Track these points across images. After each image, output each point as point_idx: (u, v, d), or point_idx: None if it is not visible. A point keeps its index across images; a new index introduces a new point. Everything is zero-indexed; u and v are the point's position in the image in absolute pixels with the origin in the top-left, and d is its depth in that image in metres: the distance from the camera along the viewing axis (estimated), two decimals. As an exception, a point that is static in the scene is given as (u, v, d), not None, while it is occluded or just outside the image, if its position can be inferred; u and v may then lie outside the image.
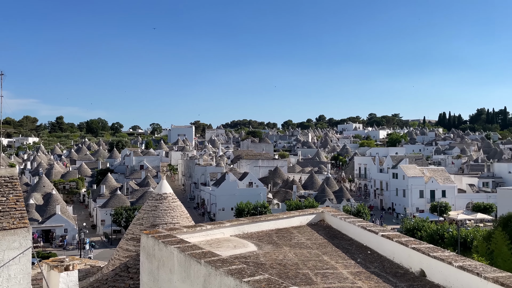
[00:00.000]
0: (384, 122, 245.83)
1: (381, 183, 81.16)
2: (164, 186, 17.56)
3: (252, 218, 8.13)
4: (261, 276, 4.26)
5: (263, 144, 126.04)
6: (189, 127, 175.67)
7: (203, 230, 7.10)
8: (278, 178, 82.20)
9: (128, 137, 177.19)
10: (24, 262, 10.62)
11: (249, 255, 6.29)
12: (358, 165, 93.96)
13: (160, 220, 16.34)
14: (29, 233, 11.07)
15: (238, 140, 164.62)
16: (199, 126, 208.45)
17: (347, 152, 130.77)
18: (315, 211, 9.25)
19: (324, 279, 5.33)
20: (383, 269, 5.99)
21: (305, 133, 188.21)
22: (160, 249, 5.75)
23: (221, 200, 64.48)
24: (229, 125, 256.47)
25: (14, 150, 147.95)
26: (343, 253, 6.75)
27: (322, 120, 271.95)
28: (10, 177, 12.04)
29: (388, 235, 6.67)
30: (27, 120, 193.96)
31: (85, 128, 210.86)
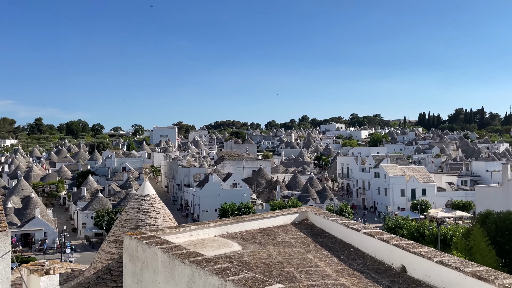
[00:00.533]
0: (366, 122, 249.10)
1: (363, 183, 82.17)
2: (147, 188, 17.39)
3: (236, 218, 8.16)
4: (245, 274, 4.29)
5: (247, 144, 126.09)
6: (172, 128, 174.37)
7: (187, 230, 7.08)
8: (262, 179, 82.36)
9: (109, 139, 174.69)
10: (2, 266, 10.38)
11: (233, 254, 6.31)
12: (340, 165, 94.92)
13: (143, 222, 16.18)
14: (7, 237, 10.83)
15: (222, 141, 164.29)
16: (182, 127, 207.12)
17: (330, 152, 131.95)
18: (298, 210, 9.33)
19: (308, 277, 5.39)
20: (366, 265, 6.09)
21: (288, 134, 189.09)
22: (144, 250, 5.72)
23: (205, 201, 64.21)
24: (213, 126, 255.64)
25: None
26: (326, 251, 6.84)
27: (305, 120, 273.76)
28: (-13, 180, 11.77)
29: (370, 233, 6.79)
30: (4, 121, 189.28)
31: (65, 129, 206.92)
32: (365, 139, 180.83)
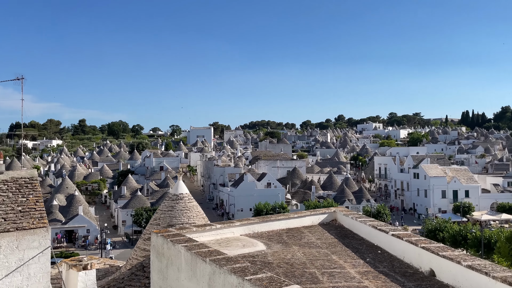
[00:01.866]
0: (405, 122, 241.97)
1: (401, 183, 79.88)
2: (181, 187, 17.76)
3: (263, 218, 8.16)
4: (263, 274, 4.28)
5: (281, 144, 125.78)
6: (208, 129, 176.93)
7: (213, 229, 7.16)
8: (297, 179, 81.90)
9: (148, 139, 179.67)
10: (43, 261, 10.93)
11: (257, 254, 6.32)
12: (378, 165, 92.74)
13: (176, 220, 16.55)
14: (48, 233, 11.39)
15: (256, 141, 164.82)
16: (217, 128, 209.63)
17: (367, 152, 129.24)
18: (327, 211, 9.20)
19: (331, 278, 5.31)
20: (392, 268, 5.93)
21: (324, 133, 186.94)
22: (169, 247, 5.84)
23: (240, 200, 64.68)
24: (248, 126, 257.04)
25: (39, 152, 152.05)
26: (353, 252, 6.71)
27: (341, 120, 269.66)
28: (30, 178, 12.41)
29: (398, 235, 6.59)
30: (51, 123, 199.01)
31: (106, 130, 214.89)
32: (404, 138, 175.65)
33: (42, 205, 12.01)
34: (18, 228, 10.81)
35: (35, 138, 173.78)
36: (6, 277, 10.16)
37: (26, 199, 11.80)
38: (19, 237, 10.63)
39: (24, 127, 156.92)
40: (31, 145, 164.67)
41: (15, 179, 12.15)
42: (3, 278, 10.12)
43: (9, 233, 10.54)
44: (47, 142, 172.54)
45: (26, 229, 10.95)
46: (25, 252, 10.61)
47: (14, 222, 10.87)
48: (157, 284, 6.23)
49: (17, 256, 10.44)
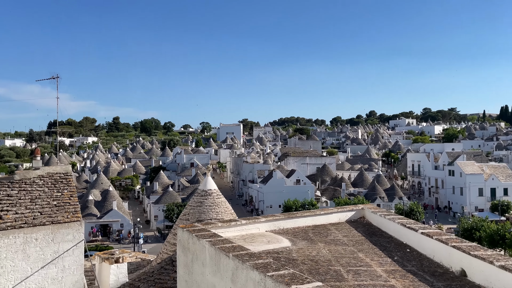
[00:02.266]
0: (439, 117, 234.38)
1: (436, 181, 77.57)
2: (209, 183, 17.95)
3: (289, 214, 8.11)
4: (285, 270, 4.25)
5: (311, 141, 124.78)
6: (237, 125, 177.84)
7: (238, 225, 7.18)
8: (327, 176, 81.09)
9: (179, 136, 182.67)
10: (77, 254, 11.32)
11: (281, 250, 6.29)
12: (411, 162, 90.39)
13: (205, 216, 16.74)
14: (81, 227, 11.78)
15: (286, 137, 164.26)
16: (247, 124, 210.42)
17: (400, 149, 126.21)
18: (354, 208, 9.05)
19: (356, 276, 5.21)
20: (421, 267, 5.75)
21: (354, 130, 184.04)
22: (194, 242, 5.90)
23: (269, 197, 64.74)
24: (277, 122, 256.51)
25: (75, 149, 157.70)
26: (380, 250, 6.55)
27: (372, 115, 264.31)
28: (64, 174, 12.86)
29: (428, 233, 6.39)
30: (86, 120, 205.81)
31: (139, 127, 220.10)
32: (439, 134, 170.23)
33: (76, 200, 12.43)
34: (53, 222, 11.24)
35: (71, 135, 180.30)
36: (42, 269, 10.60)
37: (61, 194, 12.24)
38: (55, 230, 11.05)
39: (61, 125, 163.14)
40: (68, 142, 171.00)
41: (51, 175, 12.63)
42: (40, 270, 10.56)
43: (45, 226, 10.97)
44: (83, 139, 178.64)
45: (61, 222, 11.37)
46: (60, 245, 11.02)
47: (49, 216, 11.31)
48: (183, 278, 6.32)
49: (53, 249, 10.86)
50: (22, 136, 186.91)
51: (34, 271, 10.51)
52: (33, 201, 11.49)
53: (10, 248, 10.32)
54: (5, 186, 11.48)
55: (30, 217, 11.13)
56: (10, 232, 10.49)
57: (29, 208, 11.31)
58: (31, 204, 11.42)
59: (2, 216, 10.72)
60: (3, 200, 11.09)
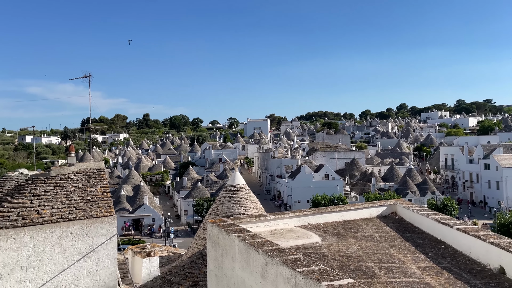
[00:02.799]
0: (474, 109, 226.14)
1: (470, 175, 75.04)
2: (237, 178, 18.06)
3: (318, 209, 8.01)
4: (316, 266, 4.19)
5: (339, 135, 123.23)
6: (265, 120, 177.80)
7: (267, 220, 7.16)
8: (356, 170, 79.93)
9: (207, 132, 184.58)
10: (111, 247, 11.63)
11: (311, 246, 6.22)
12: (444, 155, 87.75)
13: (233, 211, 16.87)
14: (114, 221, 12.09)
15: (313, 132, 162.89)
16: (274, 119, 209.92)
17: (432, 142, 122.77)
18: (386, 203, 8.85)
19: (388, 273, 5.08)
20: (457, 265, 5.55)
21: (384, 123, 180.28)
22: (223, 237, 5.93)
23: (297, 192, 64.48)
24: (304, 117, 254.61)
25: (108, 145, 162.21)
26: (413, 247, 6.38)
27: (403, 108, 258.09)
28: (98, 170, 13.23)
29: (464, 229, 6.16)
30: (118, 118, 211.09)
31: (168, 124, 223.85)
32: (473, 127, 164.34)
33: (109, 195, 12.76)
34: (87, 217, 11.59)
35: (104, 132, 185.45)
36: (78, 262, 10.96)
37: (95, 189, 12.60)
38: (89, 224, 11.40)
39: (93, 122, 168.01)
40: (100, 139, 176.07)
41: (85, 171, 13.01)
42: (75, 263, 10.92)
43: (80, 221, 11.33)
44: (115, 136, 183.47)
45: (95, 217, 11.71)
46: (94, 239, 11.35)
47: (84, 210, 11.67)
48: (213, 273, 6.37)
49: (87, 243, 11.20)
50: (57, 133, 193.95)
51: (70, 264, 10.88)
52: (69, 196, 11.89)
53: (48, 242, 10.72)
54: (42, 182, 11.92)
55: (66, 212, 11.52)
56: (47, 226, 10.90)
57: (65, 203, 11.70)
58: (67, 199, 11.81)
59: (39, 211, 11.14)
60: (40, 196, 11.52)
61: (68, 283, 10.95)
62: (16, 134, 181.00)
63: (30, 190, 11.70)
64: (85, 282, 11.14)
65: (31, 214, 11.04)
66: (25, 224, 10.72)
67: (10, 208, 10.98)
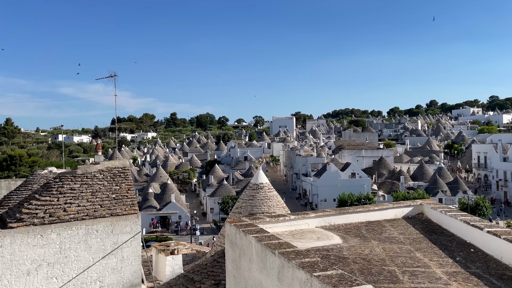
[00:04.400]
0: (508, 105, 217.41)
1: (504, 174, 72.17)
2: (261, 176, 17.91)
3: (340, 210, 7.79)
4: (333, 271, 4.02)
5: (367, 133, 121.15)
6: (290, 119, 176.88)
7: (287, 220, 7.01)
8: (384, 169, 78.35)
9: (233, 130, 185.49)
10: (135, 245, 11.76)
11: (332, 247, 6.03)
12: (476, 153, 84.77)
13: (257, 209, 16.75)
14: (138, 219, 12.20)
15: (340, 130, 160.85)
16: (299, 117, 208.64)
17: (464, 140, 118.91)
18: (412, 203, 8.52)
19: (412, 278, 4.84)
20: (487, 270, 5.24)
21: (413, 120, 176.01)
22: (241, 237, 5.82)
23: (323, 191, 63.79)
24: (330, 115, 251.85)
25: (136, 144, 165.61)
26: (440, 250, 6.08)
27: (433, 105, 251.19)
28: (122, 168, 13.39)
29: (495, 232, 5.81)
30: (146, 117, 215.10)
31: (195, 122, 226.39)
32: (508, 124, 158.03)
33: (133, 193, 12.92)
34: (112, 214, 11.75)
35: (133, 131, 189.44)
36: (103, 259, 11.13)
37: (119, 187, 12.77)
38: (114, 222, 11.55)
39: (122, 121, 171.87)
40: (129, 138, 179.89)
41: (110, 169, 13.21)
42: (100, 260, 11.10)
43: (105, 218, 11.50)
44: (143, 134, 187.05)
45: (119, 215, 11.86)
46: (119, 236, 11.50)
47: (109, 208, 11.84)
48: (231, 273, 6.28)
49: (112, 240, 11.36)
50: (88, 132, 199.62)
51: (95, 261, 11.07)
52: (94, 194, 12.09)
53: (74, 239, 10.94)
54: (68, 180, 12.17)
55: (91, 210, 11.72)
56: (73, 224, 11.12)
57: (90, 201, 11.90)
58: (92, 197, 12.02)
59: (66, 209, 11.38)
60: (66, 193, 11.77)
61: (94, 279, 11.15)
62: (49, 133, 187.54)
63: (57, 188, 11.97)
64: (110, 279, 11.32)
65: (57, 211, 11.29)
66: (52, 222, 10.97)
67: (37, 205, 11.27)
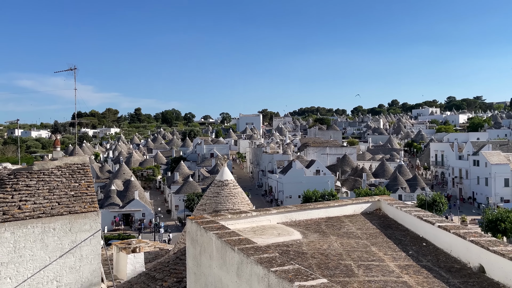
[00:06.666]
0: (464, 106, 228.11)
1: (460, 171, 75.76)
2: (226, 173, 17.90)
3: (301, 206, 7.94)
4: (290, 266, 4.10)
5: (331, 131, 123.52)
6: (257, 116, 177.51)
7: (249, 216, 7.06)
8: (347, 166, 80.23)
9: (199, 127, 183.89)
10: (94, 243, 11.47)
11: (292, 243, 6.14)
12: (434, 152, 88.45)
13: (221, 206, 16.74)
14: (98, 217, 11.91)
15: (306, 127, 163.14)
16: (266, 115, 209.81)
17: (423, 139, 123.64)
18: (370, 199, 8.80)
19: (367, 272, 5.01)
20: (437, 263, 5.50)
21: (376, 119, 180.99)
22: (202, 234, 5.82)
23: (288, 187, 64.56)
24: (297, 112, 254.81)
25: (99, 140, 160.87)
26: (395, 244, 6.33)
27: (395, 105, 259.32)
28: (82, 164, 13.00)
29: (445, 226, 6.11)
30: (109, 112, 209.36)
31: (160, 118, 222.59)
32: (464, 124, 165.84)
33: (93, 190, 12.57)
34: (71, 212, 11.39)
35: (95, 126, 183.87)
36: (60, 258, 10.78)
37: (79, 184, 12.39)
38: (72, 220, 11.21)
39: (84, 116, 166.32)
40: (91, 133, 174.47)
41: (68, 165, 12.79)
42: (58, 259, 10.74)
43: (62, 216, 11.14)
44: (106, 130, 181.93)
45: (78, 212, 11.52)
46: (77, 234, 11.18)
47: (67, 206, 11.47)
48: (192, 270, 6.26)
49: (70, 238, 11.03)
50: (47, 127, 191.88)
51: (52, 260, 10.71)
52: (51, 191, 11.67)
53: (29, 237, 10.53)
54: (24, 176, 11.69)
55: (48, 207, 11.32)
56: (29, 222, 10.70)
57: (47, 198, 11.49)
58: (49, 194, 11.60)
59: (21, 206, 10.92)
60: (22, 190, 11.30)
61: (50, 279, 10.78)
62: (5, 127, 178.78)
63: (11, 185, 11.47)
64: (67, 279, 10.98)
65: (12, 209, 10.83)
66: (6, 220, 10.51)
67: (-10, 203, 10.74)
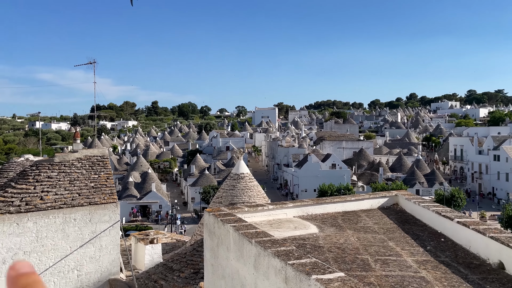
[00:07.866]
0: (485, 99, 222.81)
1: (480, 166, 74.30)
2: (241, 166, 18.00)
3: (317, 200, 7.94)
4: (307, 259, 4.13)
5: (348, 125, 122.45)
6: (273, 109, 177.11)
7: (265, 210, 7.10)
8: (363, 160, 79.55)
9: (215, 120, 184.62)
10: (113, 234, 11.72)
11: (308, 237, 6.16)
12: (453, 146, 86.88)
13: (237, 199, 16.88)
14: (117, 208, 12.15)
15: (322, 121, 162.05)
16: (282, 108, 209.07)
17: (441, 133, 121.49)
18: (388, 194, 8.73)
19: (384, 266, 5.00)
20: (455, 259, 5.45)
21: (393, 113, 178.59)
22: (219, 227, 5.89)
23: (304, 181, 64.44)
24: (313, 106, 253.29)
25: (117, 132, 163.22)
26: (412, 239, 6.28)
27: (413, 98, 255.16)
28: (101, 157, 13.25)
29: (464, 222, 6.04)
30: (127, 105, 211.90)
31: (177, 111, 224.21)
32: (484, 118, 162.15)
33: (112, 182, 12.81)
34: (90, 203, 11.66)
35: (113, 119, 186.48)
36: (81, 248, 11.07)
37: (98, 176, 12.65)
38: (92, 211, 11.48)
39: (102, 109, 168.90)
40: (110, 126, 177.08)
41: (88, 157, 13.05)
42: (78, 249, 11.03)
43: (83, 207, 11.41)
44: (123, 123, 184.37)
45: (98, 204, 11.78)
46: (97, 225, 11.44)
47: (87, 197, 11.74)
48: (209, 262, 6.35)
49: (90, 229, 11.30)
50: (67, 120, 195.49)
51: (73, 250, 10.99)
52: (72, 183, 11.95)
53: (51, 227, 10.83)
54: (45, 168, 11.99)
55: (69, 198, 11.60)
56: (50, 212, 10.99)
57: (68, 190, 11.77)
58: (70, 186, 11.88)
59: (42, 197, 11.22)
60: (43, 182, 11.60)
61: (71, 268, 11.08)
62: (26, 120, 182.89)
63: (34, 176, 11.78)
64: (88, 268, 11.27)
65: (34, 200, 11.13)
66: (28, 210, 10.82)
67: (13, 193, 11.07)
